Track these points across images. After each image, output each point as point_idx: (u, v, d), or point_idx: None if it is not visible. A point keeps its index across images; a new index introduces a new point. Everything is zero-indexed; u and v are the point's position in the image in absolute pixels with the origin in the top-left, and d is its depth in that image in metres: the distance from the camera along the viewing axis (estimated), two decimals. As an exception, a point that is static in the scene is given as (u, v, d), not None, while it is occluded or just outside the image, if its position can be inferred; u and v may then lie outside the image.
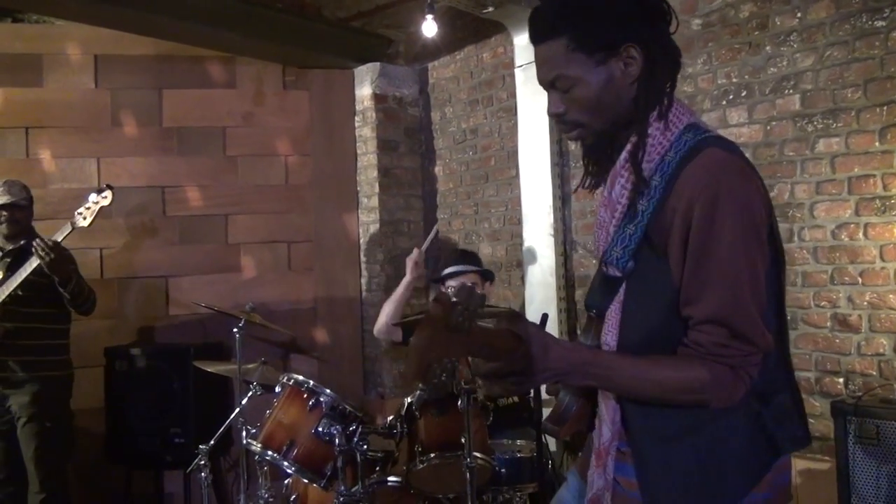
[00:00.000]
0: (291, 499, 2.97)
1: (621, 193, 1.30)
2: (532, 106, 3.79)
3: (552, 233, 3.72)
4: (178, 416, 3.80)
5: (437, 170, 4.56)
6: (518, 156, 3.89)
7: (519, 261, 3.96)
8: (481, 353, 1.13)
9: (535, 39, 1.34)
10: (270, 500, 3.05)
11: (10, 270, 3.43)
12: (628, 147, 1.31)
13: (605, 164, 1.37)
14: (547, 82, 1.34)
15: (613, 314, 1.32)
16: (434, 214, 4.57)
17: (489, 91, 4.18)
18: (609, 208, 1.34)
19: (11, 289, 3.38)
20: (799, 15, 2.86)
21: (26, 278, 3.35)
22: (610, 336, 1.33)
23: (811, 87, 2.84)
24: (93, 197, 3.37)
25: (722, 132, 2.86)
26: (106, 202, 3.35)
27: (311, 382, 2.76)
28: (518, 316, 1.19)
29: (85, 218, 3.35)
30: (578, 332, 3.65)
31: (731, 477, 1.26)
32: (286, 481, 3.07)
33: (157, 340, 4.17)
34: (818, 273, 2.84)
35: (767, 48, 2.96)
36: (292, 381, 2.78)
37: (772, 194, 2.87)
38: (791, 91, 2.90)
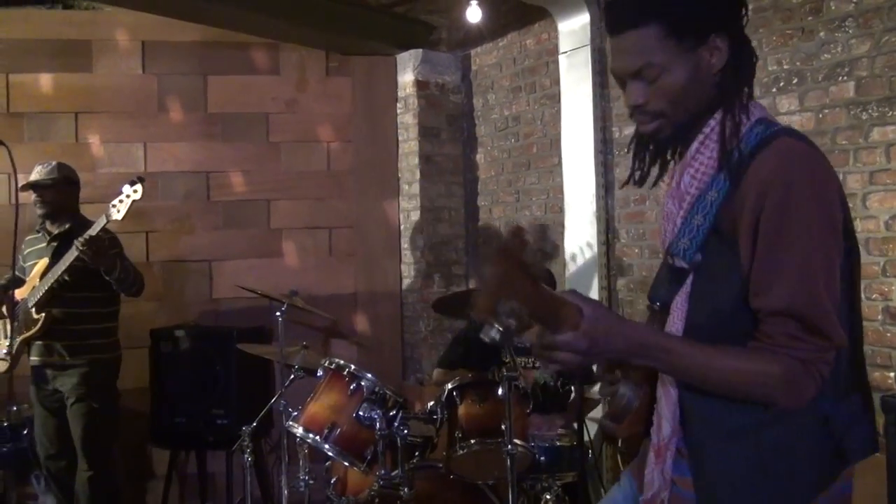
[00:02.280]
0: (331, 481, 3.00)
1: (690, 183, 1.28)
2: (576, 93, 3.75)
3: (594, 221, 3.68)
4: (220, 397, 3.86)
5: (479, 157, 4.54)
6: (561, 143, 3.86)
7: (560, 249, 3.93)
8: (545, 317, 1.12)
9: (621, 27, 1.30)
10: (310, 482, 3.09)
11: (57, 256, 3.51)
12: (706, 131, 1.28)
13: (667, 158, 1.35)
14: (632, 72, 1.30)
15: (679, 306, 1.30)
16: (475, 202, 4.56)
17: (532, 78, 4.14)
18: (677, 199, 1.32)
19: (58, 274, 3.45)
20: (855, 0, 2.78)
21: (72, 264, 3.43)
22: (675, 328, 1.30)
23: (866, 74, 2.76)
24: (126, 189, 3.42)
25: None
26: (137, 196, 3.39)
27: (353, 367, 2.79)
28: (580, 294, 1.17)
29: (119, 211, 3.40)
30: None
31: (793, 483, 1.23)
32: (326, 464, 3.11)
33: (200, 323, 4.23)
34: (870, 265, 2.76)
35: (821, 34, 2.88)
36: (334, 365, 2.81)
37: (823, 184, 2.82)
38: (845, 78, 2.81)
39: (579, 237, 3.76)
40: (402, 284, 4.62)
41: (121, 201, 3.45)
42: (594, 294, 3.67)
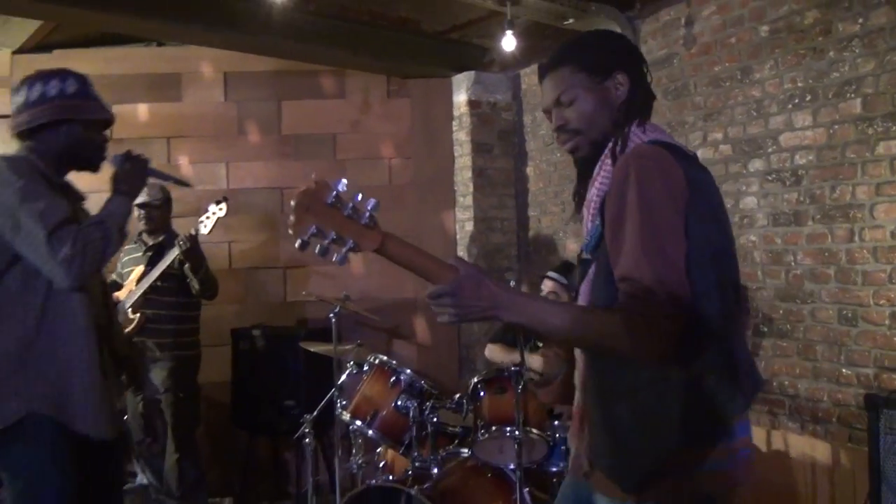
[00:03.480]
0: (380, 465, 3.37)
1: (594, 195, 1.58)
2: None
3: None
4: (291, 389, 4.29)
5: (529, 170, 4.83)
6: (599, 157, 4.11)
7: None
8: (427, 274, 1.45)
9: (544, 72, 1.67)
10: (363, 465, 3.46)
11: (151, 264, 4.04)
12: (606, 152, 1.59)
13: (588, 180, 1.65)
14: (553, 101, 1.65)
15: (584, 290, 1.61)
16: (526, 212, 4.86)
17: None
18: (587, 209, 1.62)
19: (152, 280, 3.98)
20: (860, 21, 2.94)
21: (164, 270, 3.94)
22: None
23: (872, 91, 2.91)
24: (212, 207, 3.91)
25: (788, 135, 2.98)
26: (222, 213, 3.88)
27: (394, 362, 3.14)
28: (463, 260, 1.48)
29: (206, 227, 3.90)
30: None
31: (666, 435, 1.44)
32: (378, 450, 3.47)
33: (275, 323, 4.70)
34: (877, 272, 2.91)
35: (831, 53, 3.05)
36: (378, 360, 3.17)
37: (834, 195, 2.99)
38: (853, 95, 2.98)
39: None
40: (458, 290, 4.95)
41: (207, 218, 3.95)
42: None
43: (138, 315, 4.03)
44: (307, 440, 3.64)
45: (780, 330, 3.27)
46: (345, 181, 1.42)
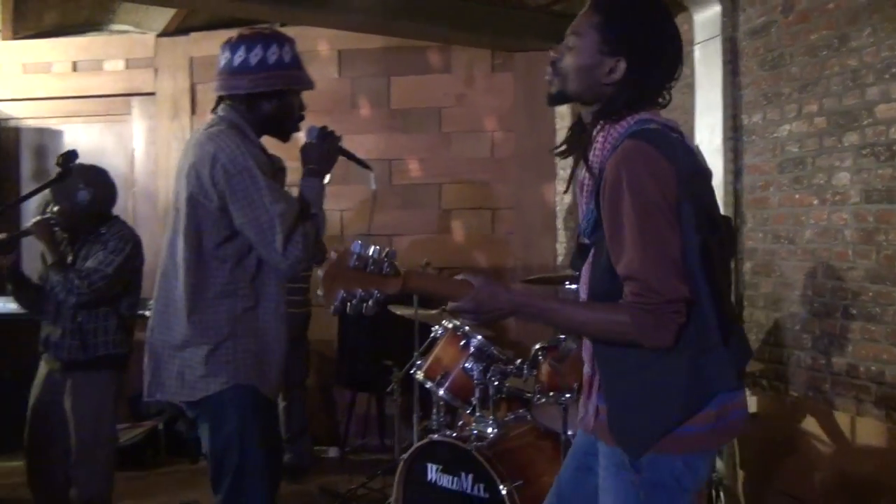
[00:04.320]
0: (459, 423, 3.56)
1: (586, 177, 1.65)
2: (708, 82, 3.90)
3: (722, 207, 3.83)
4: (390, 349, 4.56)
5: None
6: (694, 131, 4.03)
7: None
8: (445, 294, 1.58)
9: (591, 5, 1.70)
10: (443, 422, 3.65)
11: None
12: (597, 139, 1.66)
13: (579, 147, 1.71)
14: (568, 32, 1.71)
15: (584, 274, 1.70)
16: (626, 186, 4.83)
17: (675, 67, 4.32)
18: (582, 192, 1.69)
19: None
20: (965, -17, 2.73)
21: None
22: (582, 291, 1.70)
23: (973, 60, 2.71)
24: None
25: (883, 107, 2.87)
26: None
27: (467, 328, 3.30)
28: (472, 274, 1.62)
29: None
30: (746, 303, 3.76)
31: (668, 409, 1.57)
32: (458, 411, 3.66)
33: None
34: (970, 254, 2.73)
35: (932, 19, 2.85)
36: (452, 325, 3.34)
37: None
38: (953, 64, 2.78)
39: (708, 221, 3.92)
40: (557, 261, 5.03)
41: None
42: (719, 275, 3.83)
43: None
44: (395, 396, 3.90)
45: (869, 313, 3.12)
46: (360, 242, 1.58)
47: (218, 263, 2.22)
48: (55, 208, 3.19)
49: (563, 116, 4.91)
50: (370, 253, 1.56)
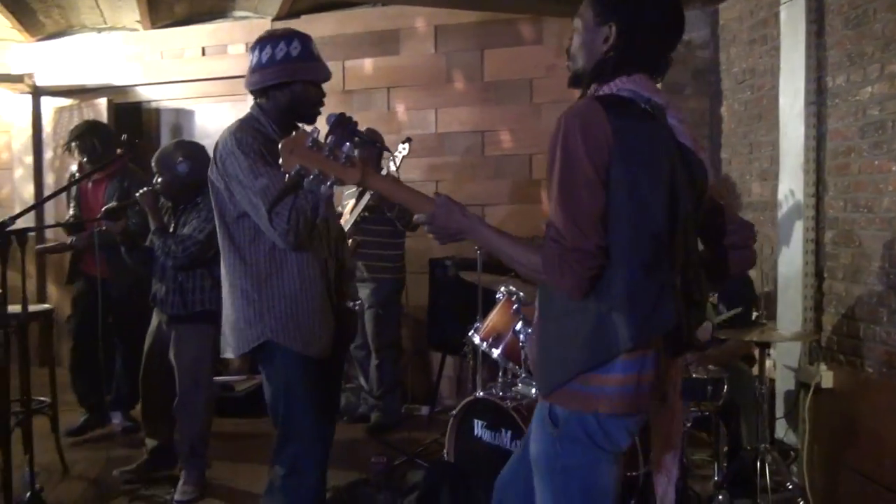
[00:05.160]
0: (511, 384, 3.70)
1: None
2: (793, 43, 3.73)
3: (803, 173, 3.68)
4: (474, 314, 4.75)
5: (723, 110, 4.65)
6: (779, 94, 3.87)
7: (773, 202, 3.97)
8: (409, 204, 1.79)
9: None
10: (504, 384, 3.81)
11: (360, 198, 4.71)
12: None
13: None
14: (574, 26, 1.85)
15: None
16: (719, 154, 4.70)
17: (764, 30, 4.15)
18: None
19: (359, 212, 4.65)
20: None
21: (367, 203, 4.59)
22: None
23: None
24: (401, 147, 4.42)
25: None
26: (405, 152, 4.35)
27: (521, 294, 3.43)
28: (442, 196, 1.79)
29: (394, 163, 4.41)
30: (826, 275, 3.62)
31: (570, 357, 1.67)
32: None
33: (465, 255, 5.16)
34: None
35: None
36: (507, 290, 3.48)
37: None
38: None
39: (791, 188, 3.78)
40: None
41: (395, 157, 4.49)
42: (799, 246, 3.70)
43: (351, 241, 4.74)
44: (468, 359, 4.10)
45: (943, 285, 2.94)
46: (319, 129, 1.78)
47: (240, 237, 2.48)
48: (159, 179, 3.63)
49: (654, 84, 4.83)
50: (327, 141, 1.75)
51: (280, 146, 1.79)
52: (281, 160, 1.80)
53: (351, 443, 4.43)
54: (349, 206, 4.80)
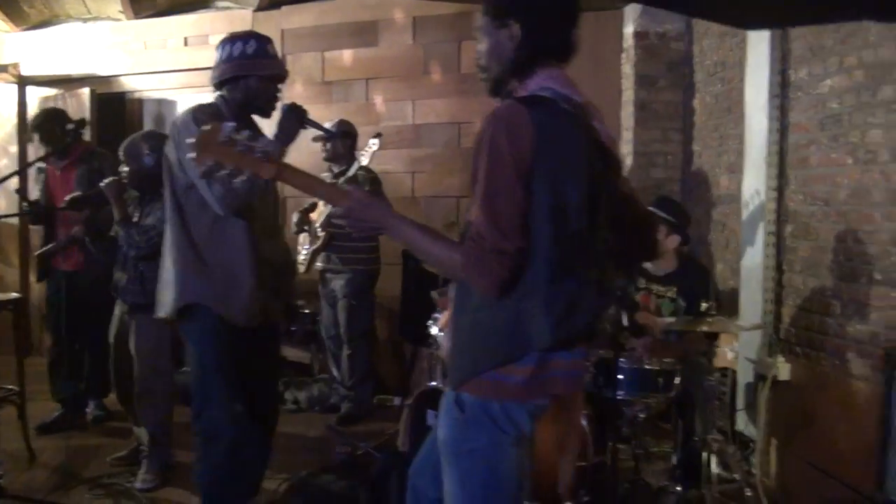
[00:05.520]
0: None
1: None
2: (759, 35, 3.72)
3: (766, 166, 3.67)
4: (446, 307, 4.78)
5: (695, 102, 4.64)
6: (744, 86, 3.86)
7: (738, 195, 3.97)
8: (325, 197, 1.82)
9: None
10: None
11: (335, 188, 4.73)
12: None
13: None
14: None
15: None
16: (691, 147, 4.69)
17: (733, 22, 4.13)
18: None
19: (329, 205, 4.67)
20: None
21: (340, 194, 4.60)
22: None
23: None
24: (372, 141, 4.43)
25: None
26: (376, 147, 4.38)
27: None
28: (358, 189, 1.80)
29: (365, 158, 4.44)
30: (785, 268, 3.62)
31: (485, 352, 1.69)
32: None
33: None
34: None
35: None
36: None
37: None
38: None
39: (754, 182, 3.78)
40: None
41: (367, 150, 4.52)
42: (760, 240, 3.70)
43: (325, 233, 4.77)
44: (433, 350, 4.12)
45: (892, 280, 2.93)
46: (232, 125, 1.79)
47: (187, 207, 2.67)
48: (125, 169, 3.66)
49: (627, 77, 4.83)
50: (241, 136, 1.76)
51: (193, 141, 1.81)
52: (193, 155, 1.81)
53: (322, 433, 4.46)
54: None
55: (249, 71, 2.69)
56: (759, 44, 3.73)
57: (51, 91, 6.31)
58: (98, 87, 6.10)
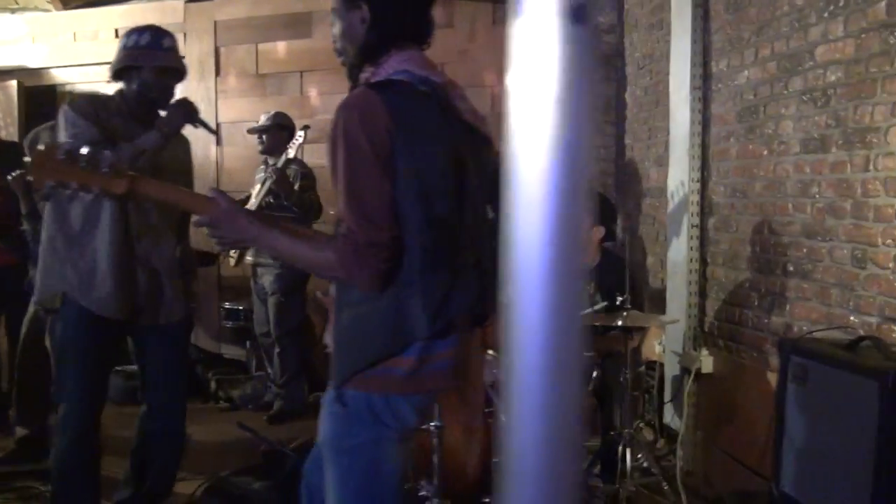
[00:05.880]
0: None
1: None
2: (681, 27, 3.72)
3: (689, 158, 3.67)
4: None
5: (627, 95, 4.63)
6: (668, 79, 3.86)
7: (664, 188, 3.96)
8: (187, 207, 1.73)
9: None
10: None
11: (263, 183, 4.63)
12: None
13: None
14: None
15: None
16: (623, 141, 4.68)
17: (661, 14, 4.12)
18: None
19: (260, 198, 4.57)
20: None
21: (269, 188, 4.50)
22: None
23: (896, -8, 2.46)
24: (298, 134, 4.35)
25: (822, 49, 2.70)
26: (301, 140, 4.30)
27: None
28: (225, 194, 1.70)
29: (290, 153, 4.36)
30: (709, 260, 3.62)
31: (367, 346, 1.62)
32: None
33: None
34: (887, 207, 2.51)
35: (863, -51, 2.60)
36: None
37: (855, 117, 2.62)
38: (880, -2, 2.53)
39: (678, 174, 3.77)
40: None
41: (292, 145, 4.43)
42: (684, 232, 3.69)
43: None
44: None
45: (803, 270, 2.94)
46: (70, 142, 1.70)
47: (61, 195, 2.56)
48: (28, 160, 3.53)
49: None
50: (83, 151, 1.67)
51: (30, 165, 1.72)
52: (31, 177, 1.73)
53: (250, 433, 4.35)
54: (256, 189, 4.72)
55: (140, 62, 2.65)
56: (682, 36, 3.72)
57: (-23, 83, 6.10)
58: (26, 79, 5.92)
